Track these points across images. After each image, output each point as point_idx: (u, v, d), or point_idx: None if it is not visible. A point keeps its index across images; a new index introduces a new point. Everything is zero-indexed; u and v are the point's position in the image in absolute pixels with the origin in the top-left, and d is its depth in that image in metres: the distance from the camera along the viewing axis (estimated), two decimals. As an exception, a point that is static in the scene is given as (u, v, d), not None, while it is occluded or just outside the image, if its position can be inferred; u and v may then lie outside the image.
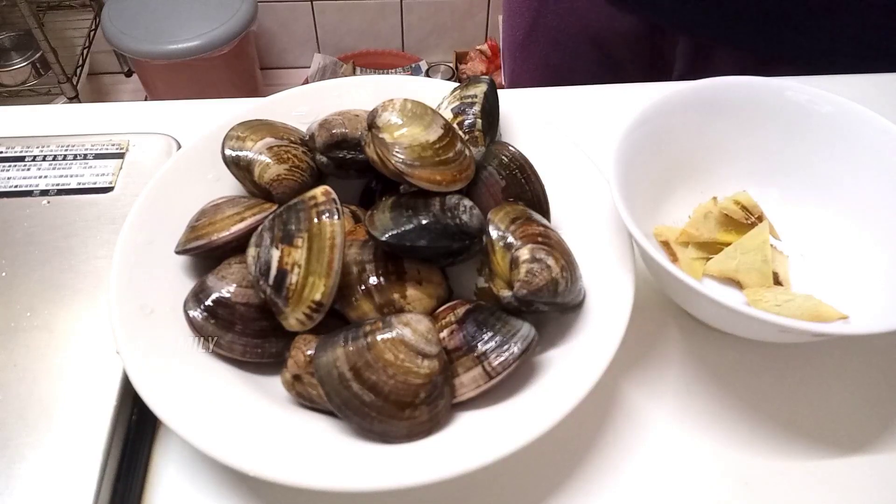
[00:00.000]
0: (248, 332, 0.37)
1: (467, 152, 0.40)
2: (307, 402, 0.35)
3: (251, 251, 0.36)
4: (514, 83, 0.81)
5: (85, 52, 1.72)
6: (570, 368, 0.35)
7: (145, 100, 1.78)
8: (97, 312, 0.41)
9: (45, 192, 0.47)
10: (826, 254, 0.44)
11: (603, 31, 0.68)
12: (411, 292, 0.37)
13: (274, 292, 0.35)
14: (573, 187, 0.43)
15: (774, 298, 0.41)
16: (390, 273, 0.37)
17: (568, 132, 0.45)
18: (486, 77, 0.44)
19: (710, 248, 0.44)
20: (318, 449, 0.33)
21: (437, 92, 0.46)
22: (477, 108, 0.42)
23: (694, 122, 0.45)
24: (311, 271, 0.34)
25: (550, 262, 0.36)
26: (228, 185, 0.42)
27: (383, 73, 1.89)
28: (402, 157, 0.37)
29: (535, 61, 0.76)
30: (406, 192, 0.39)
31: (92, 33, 1.74)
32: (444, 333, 0.36)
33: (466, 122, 0.42)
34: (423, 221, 0.37)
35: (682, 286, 0.36)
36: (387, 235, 0.36)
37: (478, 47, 1.93)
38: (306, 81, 1.80)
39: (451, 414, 0.35)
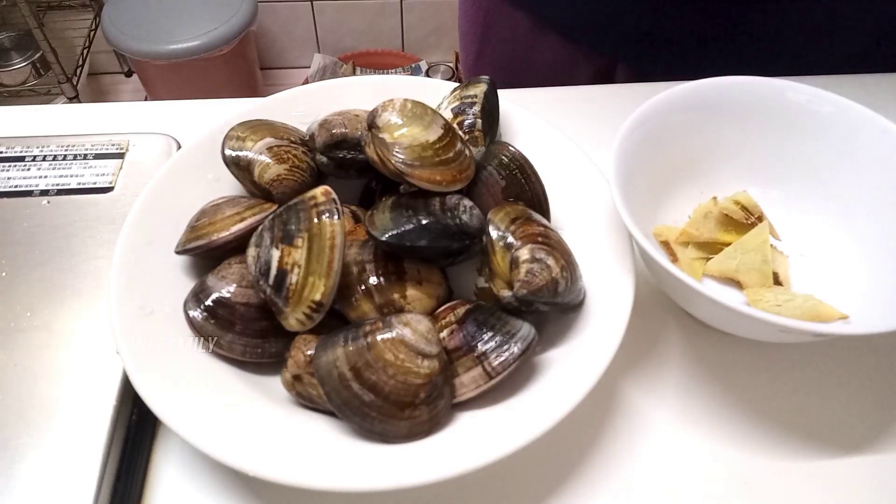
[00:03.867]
0: (248, 332, 0.37)
1: (467, 152, 0.40)
2: (307, 402, 0.35)
3: (251, 251, 0.36)
4: None
5: (85, 52, 1.72)
6: (570, 368, 0.35)
7: (145, 100, 1.78)
8: (97, 312, 0.41)
9: (45, 192, 0.47)
10: (826, 254, 0.44)
11: (536, 59, 0.70)
12: (411, 292, 0.37)
13: (274, 292, 0.35)
14: (573, 187, 0.43)
15: (774, 298, 0.41)
16: (390, 273, 0.37)
17: (568, 132, 0.45)
18: (486, 77, 0.44)
19: (710, 248, 0.44)
20: (318, 449, 0.33)
21: (437, 92, 0.46)
22: (477, 108, 0.42)
23: (694, 122, 0.45)
24: (311, 271, 0.34)
25: (550, 262, 0.36)
26: (228, 185, 0.42)
27: (383, 73, 1.89)
28: (402, 157, 0.37)
29: None
30: (406, 192, 0.39)
31: (92, 33, 1.73)
32: (444, 333, 0.36)
33: (466, 122, 0.42)
34: (423, 221, 0.37)
35: (682, 286, 0.36)
36: (387, 235, 0.36)
37: (477, 47, 1.92)
38: (306, 81, 1.80)
39: (451, 414, 0.35)
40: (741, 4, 0.57)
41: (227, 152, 0.41)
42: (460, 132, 0.41)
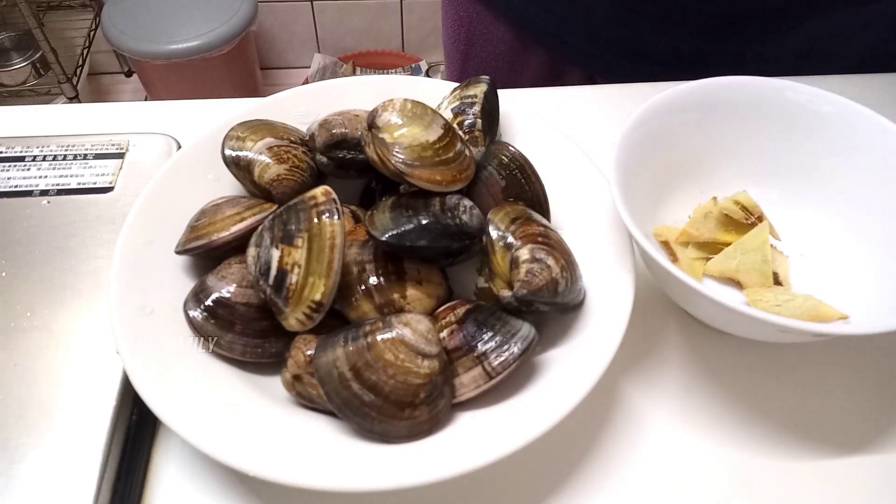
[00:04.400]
0: (248, 332, 0.37)
1: (467, 152, 0.40)
2: (307, 402, 0.35)
3: (251, 251, 0.36)
4: None
5: (85, 52, 1.72)
6: (570, 368, 0.35)
7: (145, 100, 1.78)
8: (97, 312, 0.41)
9: (45, 192, 0.47)
10: (826, 254, 0.44)
11: (519, 73, 0.72)
12: (411, 292, 0.37)
13: (274, 292, 0.35)
14: (573, 187, 0.43)
15: (774, 298, 0.41)
16: (390, 273, 0.37)
17: (568, 132, 0.45)
18: (486, 77, 0.44)
19: (710, 248, 0.44)
20: (318, 449, 0.33)
21: (437, 92, 0.46)
22: (477, 108, 0.42)
23: (694, 122, 0.45)
24: (311, 271, 0.34)
25: (550, 262, 0.36)
26: (228, 185, 0.42)
27: (383, 73, 1.89)
28: (402, 157, 0.37)
29: None
30: (406, 192, 0.39)
31: (92, 33, 1.74)
32: (444, 333, 0.36)
33: (466, 122, 0.42)
34: (423, 221, 0.37)
35: (682, 286, 0.36)
36: (387, 235, 0.36)
37: (478, 47, 1.92)
38: (306, 81, 1.80)
39: (451, 414, 0.35)
40: (722, 26, 0.57)
41: (227, 152, 0.41)
42: (460, 132, 0.41)
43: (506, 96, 0.45)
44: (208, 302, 0.37)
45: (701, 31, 0.58)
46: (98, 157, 0.50)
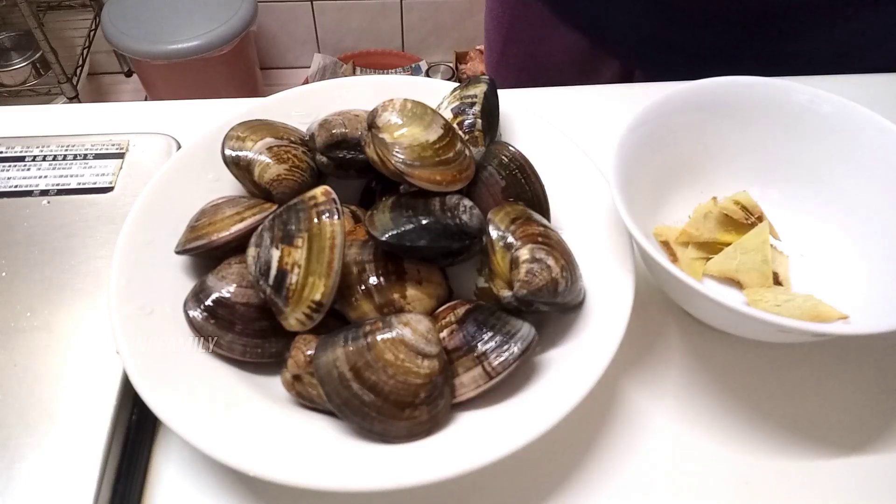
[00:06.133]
0: (248, 332, 0.37)
1: (467, 152, 0.40)
2: (307, 402, 0.35)
3: (251, 251, 0.36)
4: None
5: (85, 52, 1.72)
6: (570, 368, 0.35)
7: (145, 100, 1.78)
8: (97, 312, 0.41)
9: (45, 192, 0.47)
10: (826, 254, 0.44)
11: (557, 60, 0.72)
12: (411, 292, 0.37)
13: (274, 292, 0.35)
14: (573, 187, 0.43)
15: (774, 298, 0.41)
16: (390, 273, 0.37)
17: (568, 132, 0.45)
18: (486, 77, 0.44)
19: (710, 248, 0.44)
20: (318, 449, 0.33)
21: (437, 92, 0.46)
22: (477, 108, 0.42)
23: (694, 122, 0.45)
24: (311, 271, 0.34)
25: (550, 262, 0.36)
26: (228, 185, 0.42)
27: (383, 73, 1.89)
28: (402, 157, 0.37)
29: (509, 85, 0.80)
30: (406, 192, 0.39)
31: (92, 33, 1.74)
32: (444, 333, 0.36)
33: (466, 122, 0.42)
34: (423, 221, 0.37)
35: (682, 286, 0.36)
36: (387, 235, 0.36)
37: (478, 47, 1.92)
38: (306, 81, 1.80)
39: (451, 414, 0.35)
40: (760, 22, 0.57)
41: (227, 152, 0.41)
42: (460, 132, 0.41)
43: (506, 96, 0.45)
44: (208, 302, 0.37)
45: (739, 27, 0.58)
46: (98, 157, 0.50)
